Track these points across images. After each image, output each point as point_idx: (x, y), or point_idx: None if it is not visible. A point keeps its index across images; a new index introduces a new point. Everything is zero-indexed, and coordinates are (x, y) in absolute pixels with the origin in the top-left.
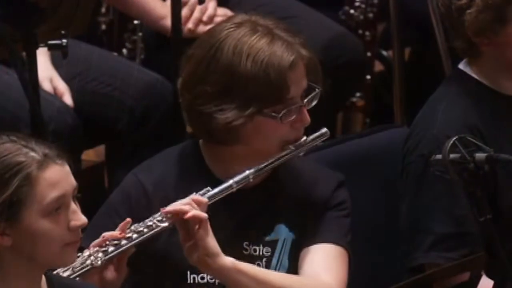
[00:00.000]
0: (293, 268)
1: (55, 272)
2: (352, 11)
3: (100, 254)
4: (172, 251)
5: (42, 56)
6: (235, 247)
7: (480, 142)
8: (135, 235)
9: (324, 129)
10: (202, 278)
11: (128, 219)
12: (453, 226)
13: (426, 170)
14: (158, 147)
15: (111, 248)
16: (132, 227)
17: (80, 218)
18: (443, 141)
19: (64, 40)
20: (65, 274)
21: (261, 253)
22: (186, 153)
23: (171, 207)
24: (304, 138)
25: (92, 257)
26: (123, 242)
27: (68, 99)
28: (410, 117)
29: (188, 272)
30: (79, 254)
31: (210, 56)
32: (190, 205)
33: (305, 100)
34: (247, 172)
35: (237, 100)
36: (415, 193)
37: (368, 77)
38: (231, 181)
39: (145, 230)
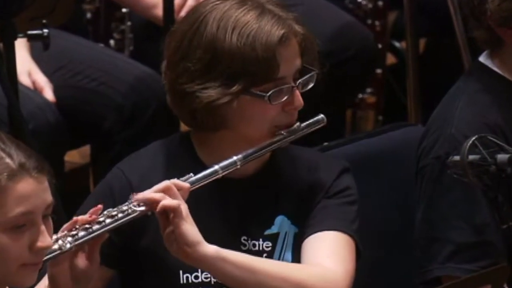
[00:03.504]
0: (297, 263)
1: None
2: None
3: (69, 239)
4: (160, 250)
5: (20, 48)
6: (231, 242)
7: (502, 142)
8: (108, 220)
9: (320, 116)
10: (196, 277)
11: (100, 206)
12: (473, 234)
13: (443, 173)
14: None
15: (81, 233)
16: (105, 212)
17: (45, 240)
18: (462, 141)
19: (46, 30)
20: None
21: (261, 248)
22: (176, 144)
23: (143, 194)
24: (298, 124)
25: (60, 241)
26: (95, 227)
27: (48, 94)
28: (425, 114)
29: (181, 272)
30: None
31: (194, 30)
32: (162, 193)
33: (298, 81)
34: (235, 158)
35: (221, 78)
36: (430, 199)
37: (379, 71)
38: (216, 166)
39: (120, 215)
